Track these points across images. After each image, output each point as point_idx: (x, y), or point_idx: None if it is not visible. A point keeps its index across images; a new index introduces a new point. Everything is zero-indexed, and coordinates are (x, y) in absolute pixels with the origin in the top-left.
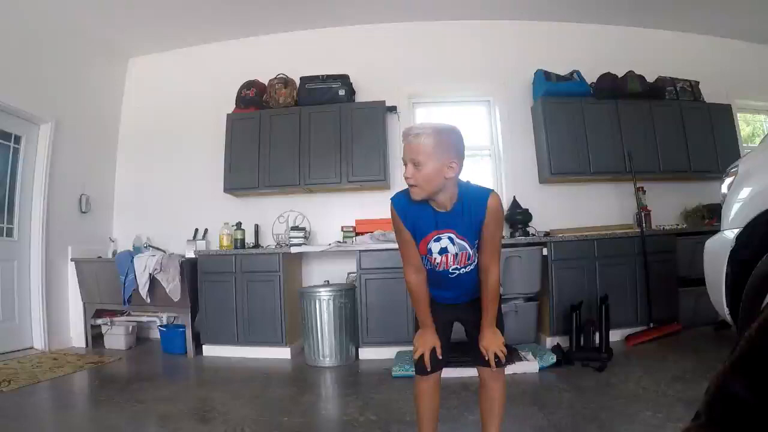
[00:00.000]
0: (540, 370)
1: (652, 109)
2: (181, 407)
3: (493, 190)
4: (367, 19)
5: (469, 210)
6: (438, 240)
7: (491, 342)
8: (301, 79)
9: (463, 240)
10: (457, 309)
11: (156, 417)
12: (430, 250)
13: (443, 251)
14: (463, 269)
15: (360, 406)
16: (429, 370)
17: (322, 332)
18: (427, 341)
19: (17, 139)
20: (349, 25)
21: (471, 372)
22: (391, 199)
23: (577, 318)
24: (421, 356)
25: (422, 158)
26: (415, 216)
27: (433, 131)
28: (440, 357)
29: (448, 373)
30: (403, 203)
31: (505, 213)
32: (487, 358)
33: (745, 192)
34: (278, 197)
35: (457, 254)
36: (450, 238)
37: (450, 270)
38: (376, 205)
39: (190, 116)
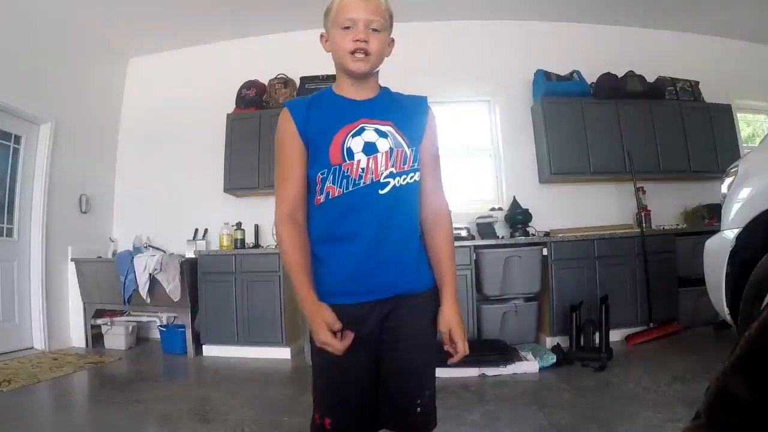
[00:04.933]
0: (540, 370)
1: (652, 109)
2: (181, 407)
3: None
4: None
5: (403, 103)
6: (359, 132)
7: (458, 323)
8: (301, 79)
9: (398, 133)
10: (385, 306)
11: (156, 417)
12: (349, 150)
13: (370, 149)
14: (398, 177)
15: None
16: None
17: None
18: (320, 318)
19: (17, 139)
20: None
21: (471, 372)
22: (284, 103)
23: (577, 318)
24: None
25: (380, 23)
26: (321, 113)
27: None
28: (357, 410)
29: (443, 373)
30: (303, 102)
31: (505, 213)
32: (446, 348)
33: (745, 192)
34: None
35: (391, 151)
36: (378, 131)
37: (381, 180)
38: None
39: (190, 116)
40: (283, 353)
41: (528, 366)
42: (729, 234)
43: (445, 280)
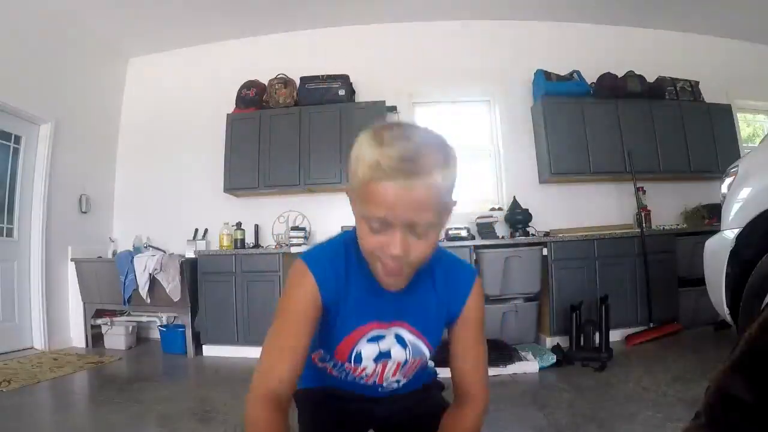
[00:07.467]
0: (540, 370)
1: (652, 109)
2: (180, 407)
3: (476, 270)
4: (367, 19)
5: (442, 289)
6: (377, 339)
7: None
8: (301, 79)
9: (422, 339)
10: (377, 403)
11: (156, 417)
12: (358, 355)
13: (381, 357)
14: (403, 381)
15: None
16: None
17: None
18: None
19: (17, 139)
20: (349, 25)
21: None
22: (303, 258)
23: (577, 318)
24: None
25: (432, 219)
26: (347, 296)
27: (444, 153)
28: None
29: (444, 372)
30: (333, 272)
31: (505, 213)
32: None
33: (745, 192)
34: (278, 197)
35: (405, 362)
36: (399, 338)
37: (384, 384)
38: None
39: (190, 116)
40: None
41: (528, 366)
42: (729, 234)
43: None
